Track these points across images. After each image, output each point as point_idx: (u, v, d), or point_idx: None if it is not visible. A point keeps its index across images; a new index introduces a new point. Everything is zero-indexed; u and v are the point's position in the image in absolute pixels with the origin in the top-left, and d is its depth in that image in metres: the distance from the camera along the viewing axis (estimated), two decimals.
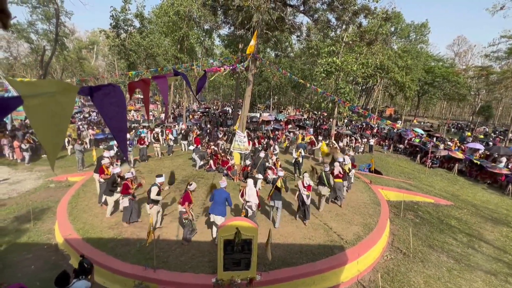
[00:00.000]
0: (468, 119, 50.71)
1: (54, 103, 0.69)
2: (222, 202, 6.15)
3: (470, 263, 7.00)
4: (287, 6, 11.94)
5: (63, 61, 41.21)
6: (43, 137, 0.71)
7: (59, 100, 0.69)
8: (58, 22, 26.53)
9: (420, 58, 34.68)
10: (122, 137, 1.06)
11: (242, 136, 11.51)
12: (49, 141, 0.71)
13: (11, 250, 6.47)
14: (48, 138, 0.71)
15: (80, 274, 3.71)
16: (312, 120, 34.29)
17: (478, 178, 15.52)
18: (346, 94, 18.54)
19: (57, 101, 0.69)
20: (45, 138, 0.71)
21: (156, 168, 12.17)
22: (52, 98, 0.69)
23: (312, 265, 5.79)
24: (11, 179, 11.35)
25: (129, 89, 1.47)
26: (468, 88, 41.04)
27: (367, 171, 14.77)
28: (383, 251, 7.19)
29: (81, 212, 7.78)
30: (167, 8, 19.43)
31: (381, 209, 8.93)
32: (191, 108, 40.64)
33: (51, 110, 0.69)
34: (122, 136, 1.05)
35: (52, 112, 0.70)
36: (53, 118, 0.70)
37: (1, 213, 8.25)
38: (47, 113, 0.69)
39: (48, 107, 0.69)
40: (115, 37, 22.74)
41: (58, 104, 0.69)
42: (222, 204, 6.13)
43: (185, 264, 5.62)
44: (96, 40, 49.63)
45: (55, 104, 0.69)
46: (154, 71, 14.71)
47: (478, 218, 10.02)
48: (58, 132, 0.73)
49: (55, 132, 0.72)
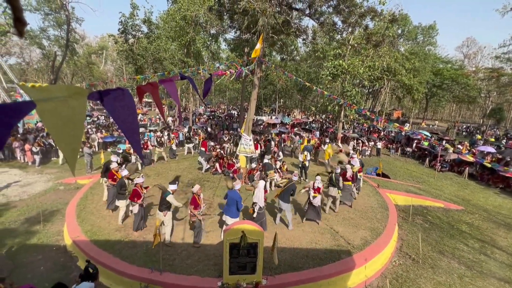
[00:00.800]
0: (478, 121, 49.62)
1: (66, 107, 0.70)
2: (234, 204, 6.21)
3: (482, 270, 6.79)
4: (292, 9, 11.99)
5: (73, 66, 42.24)
6: (61, 143, 0.72)
7: (71, 105, 0.71)
8: (69, 28, 27.24)
9: (428, 60, 34.28)
10: (135, 139, 1.08)
11: (248, 139, 11.52)
12: (67, 146, 0.73)
13: (21, 251, 6.59)
14: (66, 143, 0.73)
15: (85, 279, 3.75)
16: (318, 123, 34.13)
17: (490, 182, 15.11)
18: (353, 97, 18.40)
19: (69, 105, 0.70)
20: (63, 143, 0.72)
21: (163, 171, 12.28)
22: (64, 103, 0.70)
23: (319, 270, 5.71)
24: (22, 181, 11.61)
25: (138, 92, 1.50)
26: (478, 90, 40.29)
27: (375, 175, 14.57)
28: (391, 257, 7.05)
29: (89, 214, 7.89)
30: (174, 13, 19.73)
31: (389, 214, 8.78)
32: (197, 111, 40.98)
33: (64, 115, 0.71)
34: (135, 138, 1.08)
35: (65, 117, 0.71)
36: (67, 123, 0.72)
37: (12, 215, 8.43)
38: (61, 118, 0.70)
39: (61, 112, 0.70)
40: (124, 42, 23.20)
41: (70, 108, 0.71)
42: (233, 206, 6.22)
43: (191, 267, 5.62)
44: (105, 45, 50.74)
45: (67, 108, 0.70)
46: (161, 75, 14.92)
47: (491, 223, 9.74)
48: (74, 137, 0.74)
49: (71, 137, 0.74)
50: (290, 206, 7.41)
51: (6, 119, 0.62)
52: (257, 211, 6.72)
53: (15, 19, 0.66)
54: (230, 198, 6.27)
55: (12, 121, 0.64)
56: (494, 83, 39.90)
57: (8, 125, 0.62)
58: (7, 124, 0.62)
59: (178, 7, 19.34)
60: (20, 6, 0.67)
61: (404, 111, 53.68)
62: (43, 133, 17.91)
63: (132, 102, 1.04)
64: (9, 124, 0.62)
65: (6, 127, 0.62)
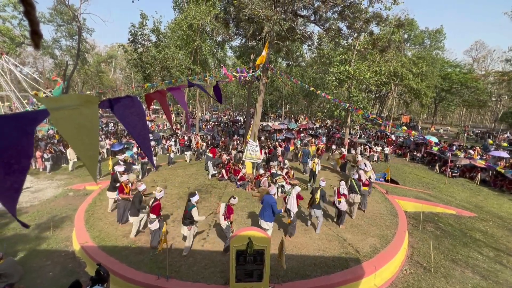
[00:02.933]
0: (490, 126, 48.49)
1: (79, 115, 0.72)
2: (269, 208, 6.43)
3: (498, 279, 6.53)
4: (297, 16, 12.10)
5: (83, 74, 43.44)
6: (79, 151, 0.74)
7: (83, 112, 0.73)
8: (80, 38, 28.13)
9: (435, 64, 33.95)
10: (146, 145, 1.10)
11: (254, 145, 11.53)
12: (85, 154, 0.75)
13: (31, 257, 6.69)
14: (83, 151, 0.75)
15: (96, 282, 3.78)
16: (325, 128, 33.95)
17: (503, 188, 14.65)
18: (359, 102, 18.30)
19: (81, 113, 0.73)
20: (81, 151, 0.74)
21: (170, 177, 12.37)
22: (76, 111, 0.73)
23: (327, 278, 5.60)
24: (33, 188, 11.86)
25: (146, 100, 1.53)
26: (488, 94, 39.50)
27: (383, 181, 14.32)
28: (401, 265, 6.85)
29: (97, 220, 7.98)
30: (181, 22, 20.19)
31: (398, 220, 8.58)
32: (204, 117, 41.37)
33: (78, 123, 0.73)
34: (146, 144, 1.10)
35: (79, 125, 0.73)
36: (82, 130, 0.74)
37: (23, 221, 8.57)
38: (75, 125, 0.72)
39: (75, 120, 0.72)
40: (133, 51, 23.81)
41: (83, 116, 0.73)
42: (269, 210, 6.42)
43: (197, 274, 5.59)
44: (114, 54, 52.10)
45: (80, 116, 0.73)
46: (169, 83, 15.19)
47: (505, 231, 9.40)
48: (91, 145, 0.76)
49: (88, 145, 0.76)
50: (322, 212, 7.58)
51: (25, 127, 0.65)
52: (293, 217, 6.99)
53: (32, 32, 0.69)
54: (266, 203, 6.45)
55: (30, 129, 0.66)
56: (505, 87, 39.08)
57: (29, 133, 0.64)
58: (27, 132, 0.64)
59: (185, 16, 19.80)
60: (37, 19, 0.70)
61: (413, 116, 52.95)
62: (54, 140, 18.35)
63: (142, 109, 1.06)
64: (29, 132, 0.64)
65: (27, 134, 0.64)
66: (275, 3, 10.73)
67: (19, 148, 0.64)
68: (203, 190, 10.47)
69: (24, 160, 0.65)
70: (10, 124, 0.63)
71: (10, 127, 0.63)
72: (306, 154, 14.09)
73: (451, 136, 33.90)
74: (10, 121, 0.64)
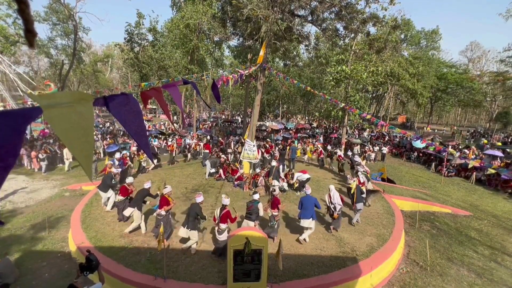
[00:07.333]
0: (485, 126, 48.97)
1: (73, 113, 0.71)
2: (311, 207, 6.75)
3: (493, 278, 6.60)
4: (295, 16, 12.10)
5: (79, 74, 43.09)
6: (73, 149, 0.73)
7: (78, 110, 0.72)
8: (76, 37, 27.89)
9: (431, 64, 34.18)
10: (144, 141, 1.10)
11: (252, 145, 11.52)
12: (80, 153, 0.74)
13: (27, 258, 6.61)
14: (78, 150, 0.74)
15: (85, 270, 3.70)
16: (322, 128, 34.04)
17: (498, 187, 14.82)
18: (356, 102, 18.38)
19: (76, 111, 0.71)
20: (75, 150, 0.73)
21: (167, 176, 12.31)
22: (71, 108, 0.72)
23: (324, 277, 5.61)
24: (29, 188, 11.73)
25: (142, 98, 1.52)
26: (483, 94, 39.90)
27: (379, 180, 14.39)
28: (398, 264, 6.90)
29: (93, 220, 7.91)
30: (178, 21, 20.10)
31: (395, 220, 8.63)
32: (201, 117, 41.24)
33: (72, 121, 0.72)
34: (144, 141, 1.10)
35: (74, 123, 0.72)
36: (76, 129, 0.73)
37: (18, 221, 8.50)
38: (69, 123, 0.71)
39: (69, 118, 0.71)
40: (129, 51, 23.66)
41: (77, 114, 0.72)
42: (311, 209, 6.75)
43: (195, 275, 5.57)
44: (111, 53, 51.73)
45: (74, 114, 0.72)
46: (165, 81, 15.12)
47: (500, 229, 9.51)
48: (86, 143, 0.75)
49: (83, 144, 0.75)
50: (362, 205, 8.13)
51: (16, 125, 0.64)
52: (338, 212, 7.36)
53: (27, 31, 0.68)
54: (308, 202, 6.77)
55: (22, 127, 0.65)
56: (500, 87, 39.52)
57: (19, 131, 0.63)
58: (17, 130, 0.63)
59: (182, 15, 19.72)
60: (32, 18, 0.69)
61: (409, 116, 53.29)
62: (49, 140, 18.16)
63: (137, 106, 1.05)
64: (19, 130, 0.63)
65: (17, 132, 0.63)
66: (273, 3, 10.73)
67: (7, 146, 0.62)
68: (200, 190, 10.44)
69: (10, 159, 0.64)
70: (2, 121, 0.62)
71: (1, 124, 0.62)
72: (294, 150, 14.72)
73: (447, 137, 34.16)
74: (1, 118, 0.63)
